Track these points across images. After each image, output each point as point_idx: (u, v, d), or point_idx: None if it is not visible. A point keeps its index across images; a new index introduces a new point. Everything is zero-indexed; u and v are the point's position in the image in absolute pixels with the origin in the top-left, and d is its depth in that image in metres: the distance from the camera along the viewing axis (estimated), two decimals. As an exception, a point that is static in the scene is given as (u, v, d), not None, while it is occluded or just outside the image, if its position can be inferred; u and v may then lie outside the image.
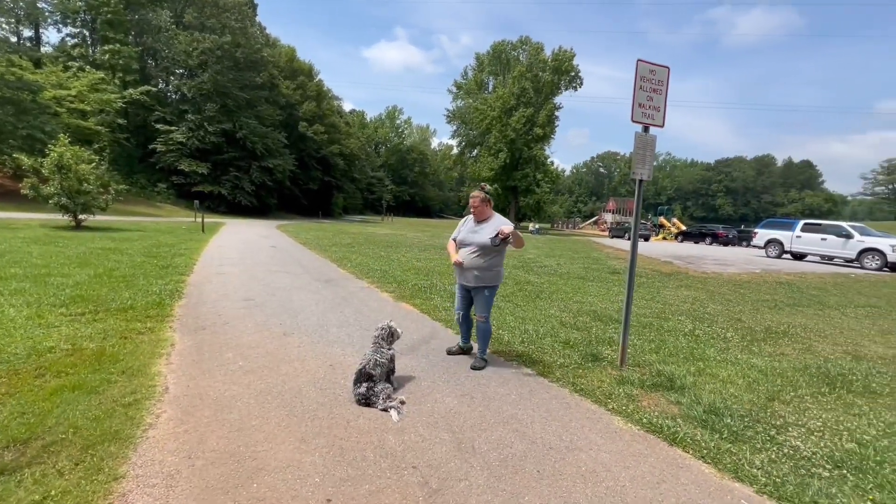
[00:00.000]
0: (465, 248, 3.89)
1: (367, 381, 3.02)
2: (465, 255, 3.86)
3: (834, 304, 9.02)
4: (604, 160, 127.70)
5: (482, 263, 3.80)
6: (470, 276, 3.87)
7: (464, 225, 4.05)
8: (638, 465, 2.48)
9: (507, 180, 46.40)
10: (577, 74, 47.88)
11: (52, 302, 5.23)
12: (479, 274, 3.82)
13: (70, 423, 2.58)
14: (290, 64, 49.91)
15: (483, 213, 3.93)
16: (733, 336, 5.86)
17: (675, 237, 36.13)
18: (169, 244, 12.54)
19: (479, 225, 3.92)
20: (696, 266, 13.57)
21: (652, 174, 4.16)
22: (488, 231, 3.77)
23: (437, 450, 2.52)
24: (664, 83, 4.09)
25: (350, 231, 25.58)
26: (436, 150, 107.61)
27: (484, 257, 3.79)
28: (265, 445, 2.47)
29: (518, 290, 8.15)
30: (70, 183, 14.79)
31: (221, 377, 3.41)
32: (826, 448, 2.84)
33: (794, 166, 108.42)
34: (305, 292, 6.90)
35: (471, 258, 3.82)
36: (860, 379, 4.41)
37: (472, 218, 4.01)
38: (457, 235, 4.02)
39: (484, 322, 3.95)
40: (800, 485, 2.37)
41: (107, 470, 2.17)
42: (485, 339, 4.04)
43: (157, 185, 35.73)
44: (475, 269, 3.82)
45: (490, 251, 3.78)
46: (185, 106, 36.75)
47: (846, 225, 16.78)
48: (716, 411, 3.26)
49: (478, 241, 3.80)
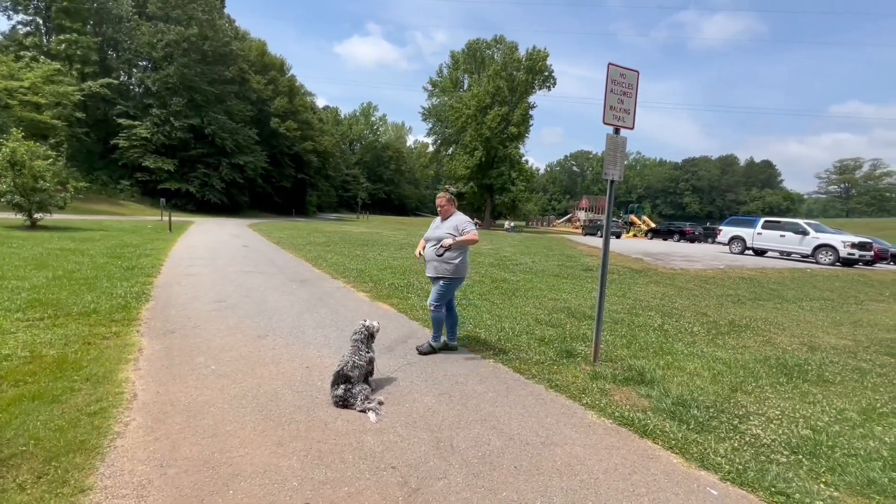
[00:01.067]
0: (429, 244, 4.26)
1: (344, 382, 3.00)
2: (428, 250, 4.24)
3: (791, 298, 9.52)
4: (577, 159, 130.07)
5: (439, 256, 4.15)
6: (430, 267, 4.25)
7: (433, 224, 4.41)
8: (611, 458, 2.57)
9: (483, 178, 46.65)
10: (550, 74, 48.49)
11: (6, 307, 4.96)
12: (437, 265, 4.17)
13: (30, 434, 2.46)
14: (261, 58, 48.64)
15: (448, 211, 4.32)
16: (699, 330, 6.11)
17: (645, 234, 37.22)
18: (134, 244, 12.06)
19: (443, 223, 4.31)
20: (665, 262, 14.03)
21: (623, 174, 4.28)
22: (447, 227, 4.20)
23: (416, 449, 2.53)
24: (634, 87, 4.22)
25: (325, 230, 25.19)
26: (412, 148, 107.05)
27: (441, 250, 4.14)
28: (241, 451, 2.43)
29: (494, 287, 8.24)
30: (24, 180, 14.02)
31: (193, 382, 3.32)
32: (784, 435, 3.01)
33: (755, 166, 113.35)
34: (280, 293, 6.77)
35: (431, 251, 4.19)
36: (815, 369, 4.68)
37: (440, 217, 4.39)
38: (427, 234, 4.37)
39: (434, 310, 4.25)
40: (760, 471, 2.51)
41: (72, 482, 2.08)
42: (437, 325, 4.33)
43: (120, 182, 34.24)
44: (434, 261, 4.18)
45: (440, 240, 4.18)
46: (150, 100, 35.31)
47: (802, 222, 17.69)
48: (683, 403, 3.40)
49: (437, 237, 4.19)
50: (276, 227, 26.08)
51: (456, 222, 4.21)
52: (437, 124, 58.28)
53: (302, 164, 50.68)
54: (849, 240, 15.87)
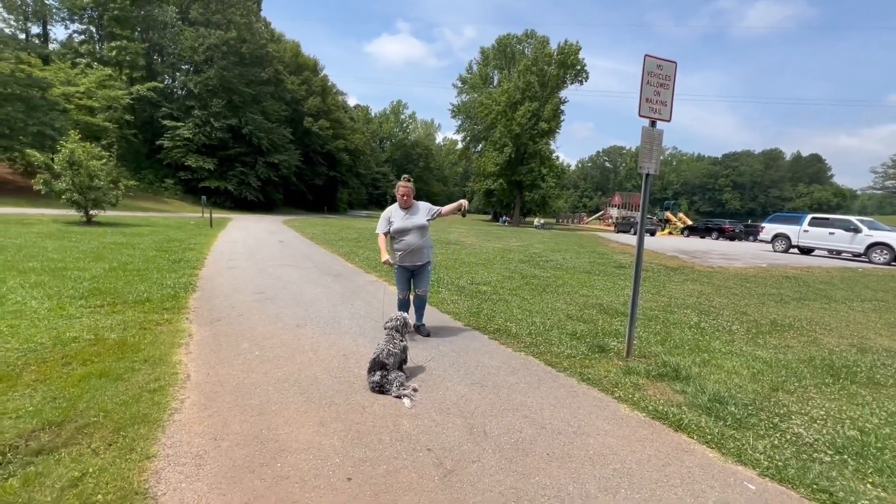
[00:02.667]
0: (405, 235, 4.32)
1: (380, 369, 3.13)
2: (406, 241, 4.32)
3: (840, 298, 9.02)
4: (609, 154, 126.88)
5: (424, 242, 4.37)
6: (419, 255, 4.39)
7: (393, 216, 4.39)
8: (644, 449, 2.57)
9: (512, 175, 46.24)
10: (582, 68, 47.50)
11: (71, 294, 5.38)
12: (426, 251, 4.42)
13: (100, 407, 2.70)
14: (295, 59, 49.95)
15: (410, 200, 4.42)
16: (738, 329, 5.92)
17: (681, 232, 35.97)
18: (179, 239, 12.72)
19: (408, 211, 4.40)
20: (702, 260, 13.56)
21: (658, 168, 4.21)
22: (423, 213, 4.41)
23: (450, 434, 2.62)
24: (671, 78, 4.14)
25: (356, 226, 25.70)
26: (440, 145, 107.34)
27: (423, 237, 4.37)
28: (286, 429, 2.58)
29: (524, 283, 8.23)
30: (81, 179, 15.01)
31: (239, 366, 3.53)
32: (828, 435, 2.91)
33: (802, 160, 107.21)
34: (315, 286, 7.02)
35: (413, 241, 4.32)
36: (864, 370, 4.46)
37: (398, 207, 4.43)
38: (387, 228, 4.36)
39: (424, 295, 4.56)
40: (801, 468, 2.45)
41: (139, 450, 2.29)
42: (424, 309, 4.66)
43: (165, 180, 36.05)
44: (423, 248, 4.37)
45: (425, 230, 4.41)
46: (192, 102, 36.95)
47: (855, 219, 16.67)
48: (720, 400, 3.34)
49: (417, 223, 4.33)
50: (310, 223, 26.82)
51: (426, 207, 4.48)
52: (466, 121, 58.25)
53: (334, 162, 51.80)
54: (906, 238, 14.85)
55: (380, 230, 4.41)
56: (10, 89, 23.17)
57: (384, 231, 4.38)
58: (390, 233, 4.38)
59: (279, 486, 2.06)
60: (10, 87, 23.19)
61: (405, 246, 4.35)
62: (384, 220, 4.43)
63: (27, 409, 2.66)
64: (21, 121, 23.23)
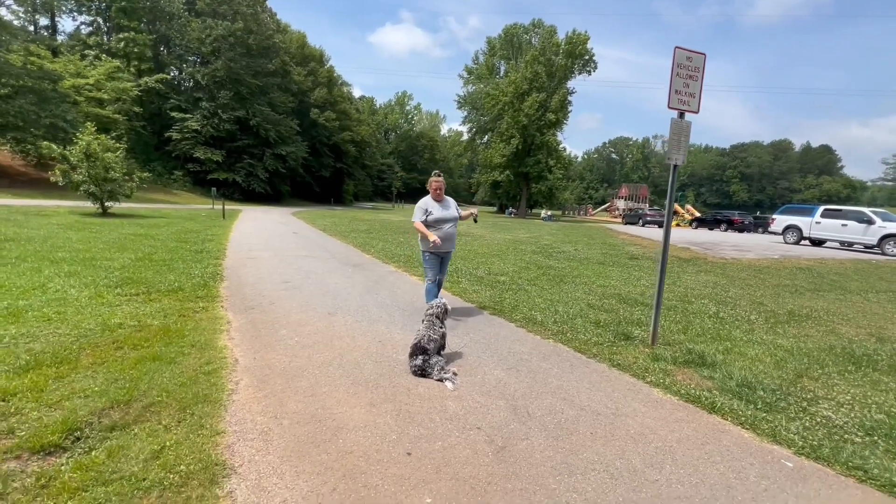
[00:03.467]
0: (444, 224, 4.70)
1: (422, 354, 3.25)
2: (445, 230, 4.69)
3: (855, 290, 9.06)
4: (616, 146, 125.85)
5: (455, 232, 4.87)
6: (452, 243, 4.87)
7: (430, 207, 4.72)
8: (682, 429, 2.69)
9: (519, 167, 46.07)
10: (591, 58, 47.03)
11: (106, 283, 5.54)
12: (455, 240, 4.95)
13: (162, 387, 2.85)
14: (301, 50, 49.75)
15: (443, 194, 4.81)
16: (757, 319, 6.00)
17: (690, 223, 35.85)
18: (195, 230, 12.89)
19: (442, 204, 4.78)
20: (714, 252, 13.59)
21: (686, 159, 4.28)
22: (453, 207, 4.86)
23: (496, 414, 2.75)
24: (700, 70, 4.18)
25: (364, 218, 25.83)
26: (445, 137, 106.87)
27: (455, 228, 4.86)
28: (339, 409, 2.72)
29: (541, 274, 8.33)
30: (97, 171, 15.19)
31: (282, 351, 3.67)
32: (856, 418, 3.01)
33: (812, 151, 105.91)
34: (338, 276, 7.15)
35: (450, 230, 4.75)
36: (885, 359, 4.54)
37: (431, 199, 4.76)
38: (426, 217, 4.68)
39: (444, 278, 5.08)
40: (835, 448, 2.56)
41: (207, 426, 2.43)
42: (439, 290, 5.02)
43: (174, 172, 36.23)
44: (454, 237, 4.86)
45: (457, 222, 4.87)
46: (200, 93, 36.98)
47: (868, 210, 16.59)
48: (748, 385, 3.44)
49: (452, 216, 4.77)
50: (318, 215, 26.97)
51: (454, 202, 4.96)
52: (472, 112, 57.92)
53: (340, 153, 51.78)
54: (921, 229, 14.78)
55: (417, 219, 4.70)
56: (21, 81, 23.32)
57: (421, 220, 4.67)
58: (427, 221, 4.65)
59: (345, 460, 2.20)
60: (22, 80, 23.34)
61: (443, 235, 4.63)
62: (420, 210, 4.72)
63: (93, 389, 2.81)
64: (34, 113, 23.39)
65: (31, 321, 3.96)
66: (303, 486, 1.99)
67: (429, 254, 4.78)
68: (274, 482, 2.01)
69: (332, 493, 1.95)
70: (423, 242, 4.83)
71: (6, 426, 2.38)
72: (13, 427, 2.37)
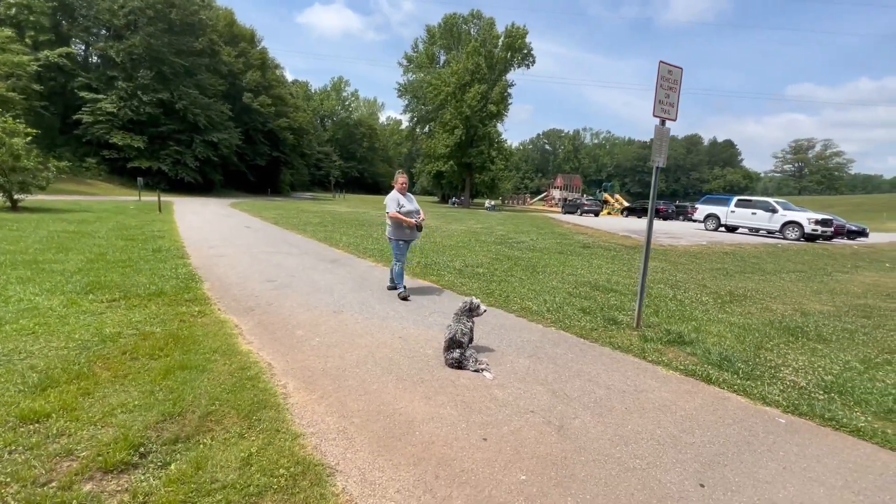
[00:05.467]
0: (414, 216, 5.69)
1: (458, 347, 3.46)
2: (415, 219, 5.67)
3: (772, 271, 10.54)
4: (549, 137, 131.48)
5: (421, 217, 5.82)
6: (415, 233, 5.80)
7: (401, 201, 5.66)
8: (694, 399, 3.16)
9: (462, 157, 46.77)
10: (529, 52, 48.59)
11: (72, 290, 5.08)
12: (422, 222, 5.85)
13: (211, 396, 2.80)
14: (230, 29, 46.20)
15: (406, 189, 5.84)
16: (708, 300, 6.86)
17: (621, 212, 38.67)
18: (133, 226, 11.83)
19: (407, 198, 5.78)
20: (652, 239, 14.96)
21: (666, 162, 4.81)
22: (415, 200, 5.87)
23: (540, 398, 3.04)
24: (678, 82, 4.71)
25: (309, 209, 24.97)
26: (384, 125, 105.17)
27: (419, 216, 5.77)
28: (400, 404, 2.86)
29: (513, 265, 8.77)
30: (3, 159, 13.31)
31: (310, 352, 3.69)
32: (813, 380, 3.69)
33: (718, 145, 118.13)
34: (320, 273, 7.06)
35: (416, 220, 5.69)
36: (812, 330, 5.47)
37: (398, 193, 5.70)
38: (400, 209, 5.61)
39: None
40: (809, 405, 3.16)
41: (283, 430, 2.47)
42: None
43: (86, 160, 32.41)
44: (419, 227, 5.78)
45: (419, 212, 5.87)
46: (114, 72, 33.18)
47: (772, 201, 19.07)
48: (727, 359, 4.05)
49: (416, 208, 5.79)
50: (259, 206, 25.62)
51: (413, 197, 5.91)
52: (412, 101, 57.55)
53: (276, 141, 49.20)
54: (813, 217, 17.32)
55: (392, 210, 5.62)
56: None
57: (396, 210, 5.60)
58: (400, 213, 5.61)
59: (431, 449, 2.37)
60: None
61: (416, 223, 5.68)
62: (394, 201, 5.65)
63: (134, 403, 2.71)
64: None
65: (13, 335, 3.61)
66: (407, 477, 2.14)
67: (402, 241, 5.76)
68: (378, 475, 2.14)
69: (436, 480, 2.13)
70: (395, 231, 5.72)
71: (61, 448, 2.26)
72: (70, 448, 2.26)
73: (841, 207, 51.69)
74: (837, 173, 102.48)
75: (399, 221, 5.60)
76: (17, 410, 2.53)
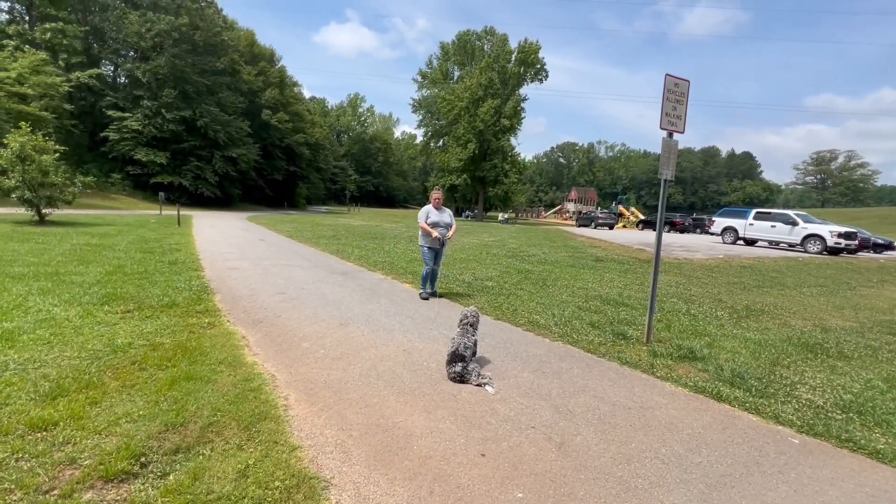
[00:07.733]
0: (438, 227, 6.38)
1: (460, 361, 3.43)
2: (440, 230, 6.38)
3: (792, 285, 10.23)
4: (563, 150, 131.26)
5: (446, 233, 6.47)
6: (443, 240, 6.42)
7: (430, 214, 6.42)
8: (702, 417, 3.07)
9: (476, 171, 47.05)
10: (542, 67, 48.99)
11: (88, 301, 5.22)
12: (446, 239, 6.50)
13: (213, 407, 2.83)
14: (251, 49, 47.80)
15: (441, 204, 6.60)
16: (723, 314, 6.69)
17: (636, 225, 38.20)
18: (153, 239, 12.16)
19: (440, 211, 6.50)
20: (666, 252, 14.70)
21: (674, 174, 4.76)
22: (447, 214, 6.57)
23: (542, 414, 2.99)
24: (685, 94, 4.68)
25: (324, 223, 25.31)
26: (399, 140, 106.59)
27: (447, 231, 6.48)
28: (399, 417, 2.84)
29: (524, 278, 8.71)
30: (32, 175, 13.88)
31: (314, 364, 3.71)
32: (831, 399, 3.55)
33: (736, 157, 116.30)
34: (330, 285, 7.12)
35: (443, 231, 6.41)
36: (833, 346, 5.27)
37: (432, 207, 6.49)
38: (427, 220, 6.38)
39: (439, 268, 6.82)
40: (825, 425, 3.04)
41: (281, 442, 2.48)
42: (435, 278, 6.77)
43: (111, 175, 33.56)
44: (445, 236, 6.44)
45: (450, 226, 6.54)
46: (140, 91, 34.50)
47: (792, 213, 18.61)
48: (740, 375, 3.93)
49: (446, 221, 6.48)
50: (276, 220, 26.09)
51: (449, 211, 6.67)
52: (427, 116, 58.37)
53: (293, 156, 50.24)
54: (836, 230, 16.81)
55: (420, 220, 6.45)
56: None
57: (424, 221, 6.39)
58: (428, 223, 6.35)
59: (428, 464, 2.35)
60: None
61: (438, 233, 6.34)
62: (424, 213, 6.48)
63: (139, 413, 2.75)
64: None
65: (29, 345, 3.72)
66: (402, 492, 2.12)
67: (427, 248, 6.45)
68: (373, 490, 2.12)
69: (430, 496, 2.10)
70: (423, 238, 6.49)
71: (65, 456, 2.31)
72: (73, 457, 2.31)
73: (867, 220, 50.10)
74: (862, 185, 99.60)
75: (424, 231, 6.40)
76: (27, 419, 2.59)
